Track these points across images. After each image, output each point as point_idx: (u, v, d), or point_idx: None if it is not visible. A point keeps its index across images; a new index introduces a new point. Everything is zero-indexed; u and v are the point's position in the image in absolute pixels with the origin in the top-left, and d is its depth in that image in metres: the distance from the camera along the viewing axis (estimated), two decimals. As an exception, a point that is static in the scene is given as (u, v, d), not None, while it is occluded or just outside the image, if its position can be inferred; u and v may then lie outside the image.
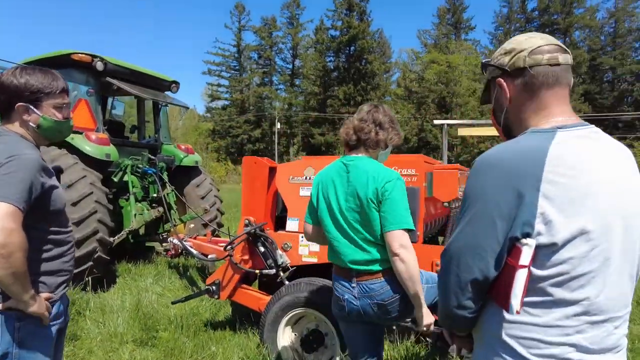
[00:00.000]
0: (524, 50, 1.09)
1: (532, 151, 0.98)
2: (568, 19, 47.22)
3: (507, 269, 0.98)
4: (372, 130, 2.04)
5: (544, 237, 0.94)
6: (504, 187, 0.97)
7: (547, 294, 0.97)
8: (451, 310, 1.07)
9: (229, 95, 54.65)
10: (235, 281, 3.39)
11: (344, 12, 49.77)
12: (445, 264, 1.08)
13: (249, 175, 3.50)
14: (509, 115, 1.16)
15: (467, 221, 1.03)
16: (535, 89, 1.08)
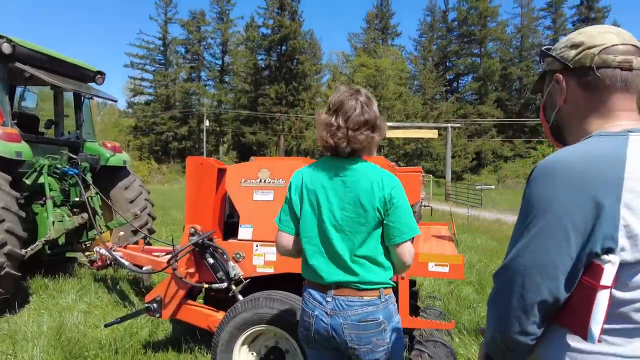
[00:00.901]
0: (594, 47, 0.97)
1: (608, 156, 0.87)
2: (483, 31, 51.06)
3: (584, 290, 0.85)
4: (367, 138, 1.71)
5: (628, 254, 0.82)
6: (579, 196, 0.84)
7: (632, 321, 0.85)
8: (512, 337, 0.92)
9: (153, 90, 51.70)
10: (180, 297, 3.02)
11: (276, 10, 49.40)
12: (507, 284, 0.92)
13: (195, 178, 3.15)
14: (562, 115, 1.06)
15: (533, 235, 0.89)
16: (600, 91, 0.98)
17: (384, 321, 1.70)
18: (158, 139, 49.05)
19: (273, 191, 2.93)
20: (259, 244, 2.92)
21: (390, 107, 42.06)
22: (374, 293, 1.70)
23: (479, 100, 51.33)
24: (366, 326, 1.68)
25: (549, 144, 47.70)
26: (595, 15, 49.54)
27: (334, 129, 1.71)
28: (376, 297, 1.70)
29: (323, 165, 1.79)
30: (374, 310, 1.69)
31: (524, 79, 52.04)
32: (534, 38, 53.90)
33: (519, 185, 41.89)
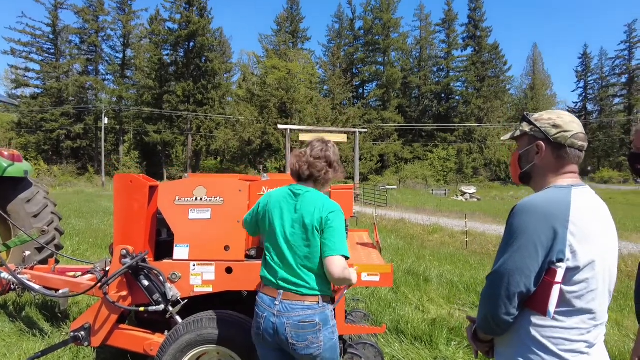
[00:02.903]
0: (568, 132, 1.45)
1: (560, 201, 1.35)
2: (387, 41, 54.26)
3: (545, 284, 1.32)
4: (324, 168, 2.20)
5: (571, 262, 1.30)
6: (543, 225, 1.31)
7: (571, 305, 1.32)
8: (501, 317, 1.36)
9: (41, 82, 46.11)
10: (112, 322, 2.89)
11: (183, 5, 47.32)
12: (496, 282, 1.36)
13: (124, 196, 3.03)
14: (535, 169, 1.51)
15: (515, 250, 1.34)
16: (564, 161, 1.47)
17: (320, 323, 2.05)
18: (48, 137, 43.97)
19: (210, 209, 2.94)
20: (196, 264, 2.91)
21: (302, 109, 42.71)
22: (314, 299, 2.06)
23: (382, 106, 54.43)
24: (304, 326, 2.03)
25: (443, 147, 52.33)
26: (480, 34, 55.48)
27: (302, 157, 2.22)
28: (315, 303, 2.06)
29: (283, 190, 2.24)
30: (312, 314, 2.05)
31: (422, 87, 56.37)
32: (431, 50, 58.73)
33: (417, 186, 45.31)
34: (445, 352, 3.79)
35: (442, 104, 56.97)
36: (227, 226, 2.92)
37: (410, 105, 57.22)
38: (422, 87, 56.55)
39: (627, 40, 58.11)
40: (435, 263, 7.79)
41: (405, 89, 57.10)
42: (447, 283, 6.18)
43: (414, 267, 7.01)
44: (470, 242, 11.10)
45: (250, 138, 41.29)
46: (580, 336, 1.33)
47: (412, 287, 5.84)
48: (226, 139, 44.58)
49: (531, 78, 61.23)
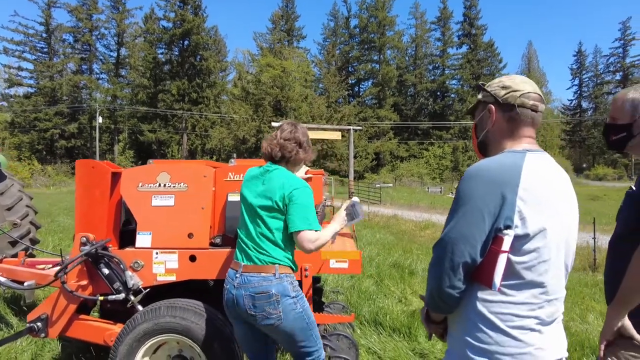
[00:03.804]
0: (517, 91, 1.36)
1: (511, 165, 1.25)
2: (382, 39, 54.17)
3: (491, 254, 1.21)
4: (294, 149, 2.31)
5: (520, 229, 1.20)
6: (491, 190, 1.21)
7: (521, 277, 1.22)
8: (445, 290, 1.25)
9: (34, 81, 45.81)
10: (70, 313, 2.78)
11: (178, 4, 47.10)
12: (441, 251, 1.26)
13: (85, 183, 2.93)
14: (488, 135, 1.43)
15: (461, 215, 1.24)
16: (516, 123, 1.37)
17: (277, 294, 2.10)
18: (41, 137, 43.69)
19: (174, 196, 2.85)
20: (159, 252, 2.81)
21: (297, 107, 42.58)
22: (270, 270, 2.14)
23: (377, 104, 54.36)
24: (260, 297, 2.10)
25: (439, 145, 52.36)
26: (476, 32, 55.48)
27: (273, 139, 2.32)
28: (272, 274, 2.13)
29: (257, 169, 2.37)
30: (268, 285, 2.12)
31: (417, 85, 56.35)
32: (426, 48, 58.71)
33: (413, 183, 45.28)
34: (424, 344, 3.71)
35: (438, 102, 56.95)
36: (191, 213, 2.83)
37: (405, 103, 57.17)
38: (417, 85, 56.52)
39: (622, 38, 58.27)
40: (422, 257, 7.71)
41: (400, 87, 57.04)
42: (432, 276, 6.09)
43: (400, 261, 6.93)
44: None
45: (245, 136, 41.10)
46: (530, 311, 1.22)
47: (396, 280, 5.75)
48: (221, 138, 44.41)
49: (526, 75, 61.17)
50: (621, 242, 1.63)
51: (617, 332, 1.58)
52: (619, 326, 1.56)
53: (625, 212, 1.65)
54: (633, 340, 1.54)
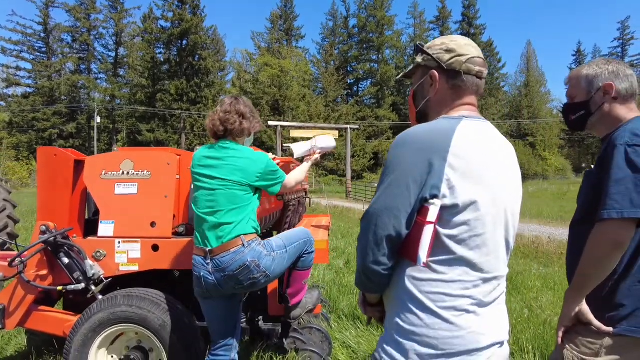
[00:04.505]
0: (463, 55, 1.23)
1: (442, 130, 1.14)
2: (381, 39, 54.11)
3: (417, 226, 1.11)
4: (236, 120, 2.29)
5: (448, 199, 1.09)
6: (418, 157, 1.10)
7: (451, 252, 1.11)
8: (368, 266, 1.14)
9: (32, 81, 45.80)
10: (28, 303, 2.70)
11: (176, 3, 47.08)
12: (365, 225, 1.15)
13: (48, 171, 2.85)
14: (430, 104, 1.29)
15: (386, 186, 1.14)
16: (460, 91, 1.25)
17: (254, 260, 2.17)
18: (40, 137, 43.65)
19: (137, 183, 2.77)
20: (121, 241, 2.74)
21: (295, 107, 42.55)
22: (237, 242, 2.16)
23: (376, 104, 54.30)
24: (241, 271, 2.15)
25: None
26: (474, 31, 55.42)
27: (214, 115, 2.33)
28: (240, 246, 2.16)
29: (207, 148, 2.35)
30: (242, 257, 2.15)
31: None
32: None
33: (413, 183, 45.19)
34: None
35: (437, 102, 56.86)
36: (153, 201, 2.75)
37: (404, 103, 57.04)
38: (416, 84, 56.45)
39: (621, 37, 58.20)
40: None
41: (399, 87, 56.93)
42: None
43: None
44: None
45: (243, 136, 41.09)
46: (464, 290, 1.10)
47: (381, 276, 5.67)
48: (219, 138, 44.37)
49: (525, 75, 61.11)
50: (580, 224, 1.55)
51: (575, 318, 1.50)
52: (577, 311, 1.48)
53: (584, 192, 1.57)
54: (591, 326, 1.46)
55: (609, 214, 1.34)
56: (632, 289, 1.41)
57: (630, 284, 1.42)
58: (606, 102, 1.56)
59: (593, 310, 1.46)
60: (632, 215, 1.31)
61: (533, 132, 52.68)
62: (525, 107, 55.06)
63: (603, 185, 1.39)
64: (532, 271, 6.31)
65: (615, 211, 1.33)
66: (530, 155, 51.66)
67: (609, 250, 1.36)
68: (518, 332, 3.46)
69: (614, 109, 1.55)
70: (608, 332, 1.43)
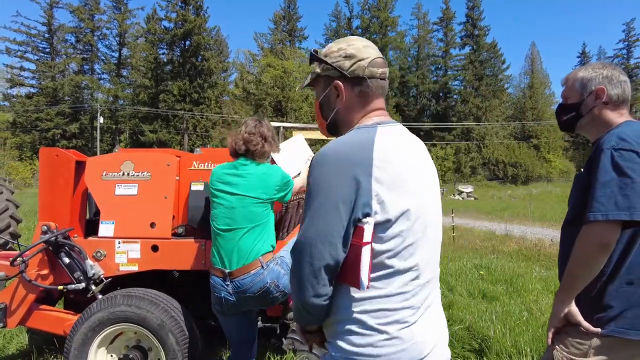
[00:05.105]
0: (363, 59, 1.18)
1: (362, 143, 1.09)
2: (384, 40, 54.08)
3: (354, 249, 1.05)
4: (259, 142, 2.37)
5: (380, 215, 1.05)
6: (343, 175, 1.05)
7: (387, 267, 1.07)
8: (309, 301, 1.08)
9: (36, 81, 46.02)
10: (29, 302, 2.74)
11: (179, 4, 47.20)
12: (299, 256, 1.08)
13: (49, 171, 2.89)
14: (339, 115, 1.24)
15: (315, 211, 1.07)
16: (368, 97, 1.21)
17: (273, 282, 2.27)
18: (43, 137, 43.80)
19: (137, 185, 2.80)
20: (121, 241, 2.77)
21: (297, 108, 42.57)
22: (256, 264, 2.25)
23: (380, 104, 54.22)
24: (261, 293, 2.26)
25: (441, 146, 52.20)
26: (478, 32, 55.33)
27: (237, 134, 2.42)
28: (259, 268, 2.24)
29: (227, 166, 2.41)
30: (263, 278, 2.24)
31: (419, 86, 56.24)
32: (429, 49, 58.58)
33: (416, 185, 45.17)
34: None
35: (440, 103, 56.79)
36: (153, 202, 2.79)
37: (407, 104, 57.05)
38: (419, 85, 56.38)
39: (626, 39, 57.95)
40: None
41: (402, 88, 56.92)
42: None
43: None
44: (458, 237, 10.93)
45: (246, 137, 41.13)
46: (404, 302, 1.07)
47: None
48: (222, 138, 44.43)
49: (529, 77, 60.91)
50: (571, 225, 1.57)
51: (565, 319, 1.52)
52: (566, 312, 1.50)
53: (574, 195, 1.59)
54: (580, 326, 1.48)
55: (595, 216, 1.36)
56: (620, 290, 1.43)
57: (618, 286, 1.43)
58: (597, 106, 1.58)
59: (582, 311, 1.48)
60: (617, 217, 1.33)
61: (537, 134, 52.50)
62: (530, 108, 54.88)
63: (591, 187, 1.41)
64: (534, 274, 6.30)
65: (600, 213, 1.35)
66: (534, 157, 51.52)
67: (595, 251, 1.38)
68: (516, 335, 3.47)
69: (604, 113, 1.58)
70: (596, 333, 1.45)
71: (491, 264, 6.76)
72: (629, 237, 1.43)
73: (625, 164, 1.37)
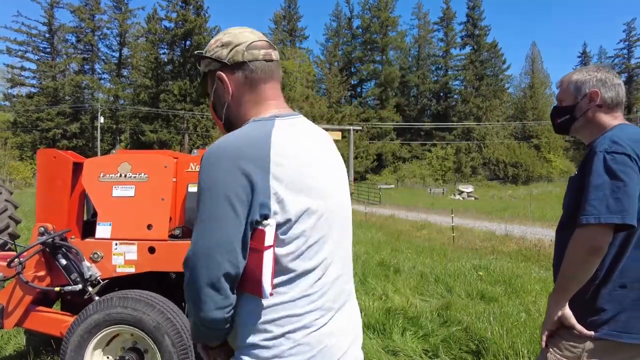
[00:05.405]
0: (240, 44, 1.10)
1: (257, 137, 1.00)
2: (385, 39, 54.13)
3: (254, 254, 0.96)
4: None
5: (280, 216, 0.97)
6: (236, 174, 0.95)
7: (291, 270, 0.99)
8: (209, 316, 0.96)
9: (37, 81, 46.13)
10: (26, 304, 2.74)
11: (180, 4, 47.27)
12: (194, 269, 0.95)
13: (47, 172, 2.89)
14: (230, 110, 1.15)
15: (207, 217, 0.96)
16: (255, 83, 1.12)
17: None
18: (43, 137, 43.92)
19: (134, 186, 2.80)
20: (118, 243, 2.77)
21: (298, 108, 42.61)
22: None
23: (380, 105, 54.30)
24: None
25: (442, 146, 52.19)
26: (479, 32, 55.33)
27: None
28: None
29: None
30: None
31: (420, 86, 56.25)
32: (429, 49, 58.61)
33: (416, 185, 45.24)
34: (398, 341, 3.63)
35: (441, 103, 56.83)
36: (150, 204, 2.78)
37: (408, 104, 57.10)
38: (420, 85, 56.42)
39: (627, 39, 57.95)
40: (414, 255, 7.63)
41: (403, 88, 56.97)
42: (418, 274, 6.03)
43: (387, 259, 6.87)
44: (458, 237, 10.93)
45: (246, 137, 41.24)
46: (310, 305, 1.00)
47: (380, 278, 5.69)
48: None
49: (530, 77, 60.94)
50: (565, 228, 1.57)
51: (558, 322, 1.52)
52: (560, 315, 1.50)
53: (568, 197, 1.59)
54: (573, 329, 1.48)
55: (587, 219, 1.36)
56: (613, 293, 1.43)
57: (611, 289, 1.43)
58: (590, 108, 1.58)
59: (575, 314, 1.48)
60: (609, 220, 1.33)
61: (538, 134, 52.51)
62: (530, 108, 54.87)
63: (584, 190, 1.41)
64: (532, 274, 6.30)
65: (592, 217, 1.35)
66: (534, 157, 51.53)
67: (587, 254, 1.38)
68: (514, 336, 3.47)
69: (598, 116, 1.58)
70: (590, 336, 1.44)
71: (490, 264, 6.76)
72: (622, 240, 1.43)
73: (617, 167, 1.37)
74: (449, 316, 4.14)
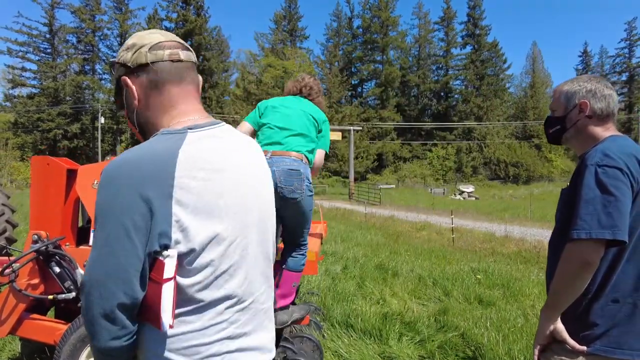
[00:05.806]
0: (144, 45, 1.02)
1: (161, 155, 0.90)
2: (385, 39, 54.07)
3: (153, 285, 0.89)
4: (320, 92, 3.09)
5: (182, 246, 0.89)
6: (133, 197, 0.86)
7: (197, 300, 0.93)
8: (107, 347, 0.90)
9: (37, 82, 46.19)
10: (20, 312, 2.73)
11: (180, 4, 47.32)
12: (88, 298, 0.88)
13: (40, 180, 2.89)
14: (140, 117, 1.05)
15: (102, 244, 0.88)
16: (161, 85, 1.02)
17: (303, 173, 2.56)
18: (44, 137, 44.00)
19: (128, 193, 2.79)
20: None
21: (298, 108, 42.59)
22: (299, 156, 2.62)
23: (380, 105, 54.25)
24: (291, 173, 2.52)
25: (442, 146, 52.14)
26: (479, 32, 55.25)
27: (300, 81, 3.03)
28: (300, 159, 2.60)
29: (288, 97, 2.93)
30: (298, 165, 2.56)
31: (421, 86, 56.20)
32: (430, 48, 58.55)
33: (416, 185, 45.19)
34: (395, 347, 3.62)
35: (441, 103, 56.76)
36: (144, 210, 2.78)
37: (409, 104, 57.04)
38: (420, 85, 56.36)
39: (628, 38, 57.79)
40: (412, 258, 7.61)
41: (403, 88, 56.92)
42: (416, 277, 6.01)
43: (385, 262, 6.85)
44: (458, 238, 10.92)
45: (247, 137, 41.21)
46: (220, 333, 0.94)
47: (378, 281, 5.67)
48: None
49: (531, 76, 60.90)
50: (557, 240, 1.56)
51: (550, 336, 1.50)
52: (552, 329, 1.49)
53: (560, 210, 1.58)
54: (566, 344, 1.46)
55: (578, 234, 1.34)
56: (605, 308, 1.42)
57: (604, 304, 1.42)
58: (580, 119, 1.56)
59: (568, 329, 1.47)
60: (600, 235, 1.31)
61: (538, 133, 52.42)
62: (531, 108, 54.83)
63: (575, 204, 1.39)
64: (531, 277, 6.28)
65: (584, 231, 1.33)
66: (535, 156, 51.49)
67: (578, 269, 1.36)
68: (510, 342, 3.45)
69: (588, 127, 1.56)
70: (582, 351, 1.43)
71: (489, 267, 6.74)
72: (614, 254, 1.41)
73: (609, 181, 1.35)
74: (446, 321, 4.13)
